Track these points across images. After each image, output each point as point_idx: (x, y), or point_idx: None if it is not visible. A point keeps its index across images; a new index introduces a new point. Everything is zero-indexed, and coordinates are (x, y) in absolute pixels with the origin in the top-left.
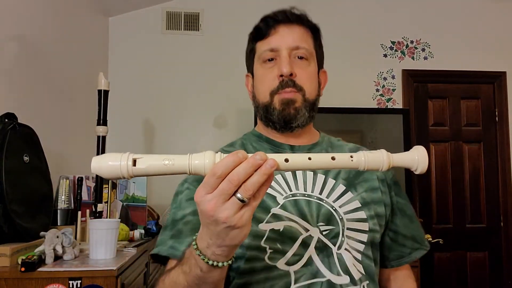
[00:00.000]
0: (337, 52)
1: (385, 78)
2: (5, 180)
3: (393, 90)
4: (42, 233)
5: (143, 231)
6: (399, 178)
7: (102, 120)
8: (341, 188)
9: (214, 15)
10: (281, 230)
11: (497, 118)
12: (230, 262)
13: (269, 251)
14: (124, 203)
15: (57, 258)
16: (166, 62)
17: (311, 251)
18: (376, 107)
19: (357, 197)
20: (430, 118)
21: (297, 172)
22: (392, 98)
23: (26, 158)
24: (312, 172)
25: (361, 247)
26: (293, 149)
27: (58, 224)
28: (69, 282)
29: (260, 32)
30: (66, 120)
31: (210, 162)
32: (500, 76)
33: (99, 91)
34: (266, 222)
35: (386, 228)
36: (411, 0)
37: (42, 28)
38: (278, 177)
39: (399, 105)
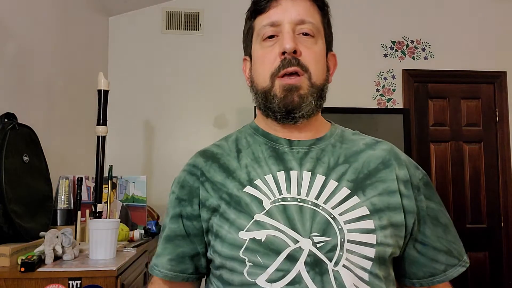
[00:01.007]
0: (337, 52)
1: (385, 78)
2: (5, 180)
3: (393, 90)
4: (42, 233)
5: (143, 231)
6: None
7: (102, 120)
8: (344, 191)
9: (214, 15)
10: (262, 240)
11: (497, 118)
12: None
13: (248, 263)
14: (124, 203)
15: (57, 258)
16: (166, 62)
17: (299, 267)
18: (376, 107)
19: (365, 203)
20: (430, 118)
21: (291, 171)
22: (392, 98)
23: (26, 158)
24: (310, 172)
25: (368, 264)
26: (291, 144)
27: (58, 224)
28: (69, 282)
29: (259, 4)
30: (66, 120)
31: None
32: (500, 76)
33: (99, 91)
34: (246, 230)
35: (410, 239)
36: (411, 0)
37: (42, 28)
38: (268, 177)
39: (399, 105)
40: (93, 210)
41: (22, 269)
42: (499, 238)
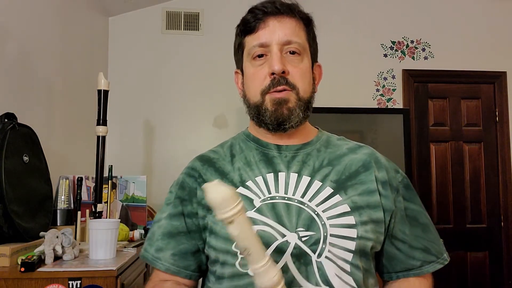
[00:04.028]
0: (337, 52)
1: (385, 78)
2: (5, 180)
3: (393, 90)
4: (42, 233)
5: (143, 231)
6: None
7: (102, 120)
8: (328, 191)
9: (214, 15)
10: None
11: (497, 118)
12: None
13: (240, 256)
14: (124, 203)
15: (57, 258)
16: (166, 62)
17: (286, 258)
18: (376, 107)
19: (346, 201)
20: (430, 118)
21: (279, 173)
22: (392, 98)
23: (26, 158)
24: (297, 174)
25: (349, 256)
26: (280, 149)
27: (58, 224)
28: (69, 282)
29: (249, 25)
30: (66, 120)
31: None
32: (500, 76)
33: (99, 91)
34: None
35: (387, 236)
36: (411, 0)
37: (42, 28)
38: (259, 178)
39: (399, 105)
40: (93, 210)
41: (22, 269)
42: (499, 238)
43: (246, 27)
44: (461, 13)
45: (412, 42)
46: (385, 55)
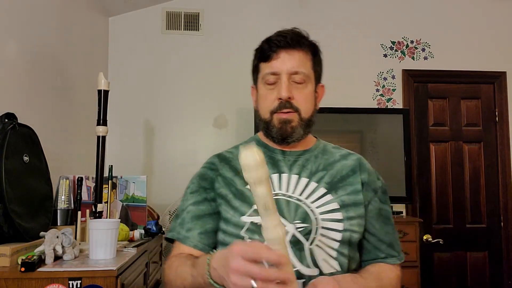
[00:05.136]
0: (337, 52)
1: (385, 78)
2: (5, 180)
3: (393, 90)
4: (42, 233)
5: (143, 231)
6: (400, 178)
7: (102, 120)
8: (321, 190)
9: (214, 15)
10: (259, 223)
11: (497, 118)
12: None
13: (247, 240)
14: (124, 203)
15: (57, 258)
16: (166, 62)
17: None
18: (376, 107)
19: (336, 200)
20: (430, 118)
21: (282, 174)
22: (392, 98)
23: (26, 158)
24: (297, 176)
25: (336, 244)
26: (284, 154)
27: (58, 224)
28: (69, 282)
29: (264, 54)
30: (66, 120)
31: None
32: (500, 76)
33: (99, 91)
34: (248, 215)
35: (364, 230)
36: (411, 0)
37: (42, 28)
38: None
39: (399, 105)
40: (93, 210)
41: (22, 269)
42: (499, 238)
43: (263, 55)
44: (461, 13)
45: (412, 42)
46: (385, 55)
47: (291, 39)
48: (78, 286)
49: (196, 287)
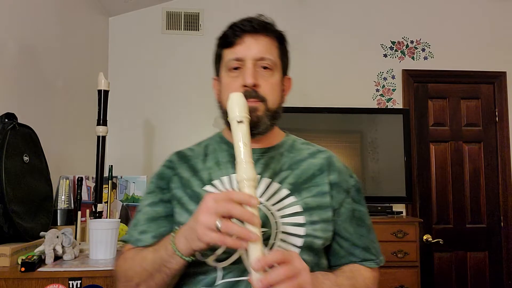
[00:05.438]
0: (337, 52)
1: (385, 78)
2: (5, 180)
3: (393, 90)
4: (42, 233)
5: None
6: (400, 179)
7: (102, 120)
8: (284, 192)
9: (214, 15)
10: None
11: (497, 118)
12: (187, 259)
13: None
14: (124, 203)
15: (57, 258)
16: (166, 62)
17: (241, 250)
18: (376, 107)
19: (299, 202)
20: (430, 118)
21: None
22: (392, 98)
23: (26, 158)
24: (259, 175)
25: (296, 250)
26: None
27: (58, 224)
28: (69, 282)
29: (227, 39)
30: (66, 120)
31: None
32: (500, 76)
33: (99, 91)
34: None
35: (335, 234)
36: (411, 0)
37: (42, 28)
38: (225, 178)
39: (399, 105)
40: (93, 210)
41: (23, 269)
42: (498, 238)
43: (225, 41)
44: (461, 13)
45: (412, 42)
46: (385, 55)
47: (258, 24)
48: (78, 286)
49: (157, 264)
